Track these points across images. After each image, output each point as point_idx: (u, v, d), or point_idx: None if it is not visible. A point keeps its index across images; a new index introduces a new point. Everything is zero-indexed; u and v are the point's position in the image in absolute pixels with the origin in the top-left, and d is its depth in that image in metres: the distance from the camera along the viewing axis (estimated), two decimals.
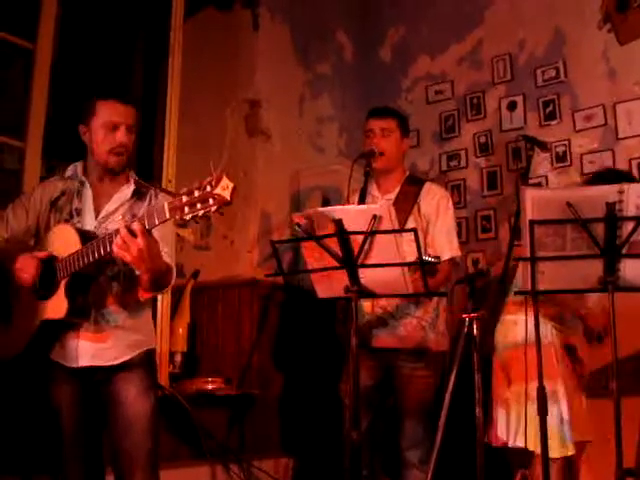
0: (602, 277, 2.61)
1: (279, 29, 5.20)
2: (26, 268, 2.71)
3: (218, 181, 2.22)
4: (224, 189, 2.21)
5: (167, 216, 2.33)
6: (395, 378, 3.63)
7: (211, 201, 2.22)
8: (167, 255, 2.74)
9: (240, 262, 4.77)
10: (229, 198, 2.22)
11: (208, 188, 2.22)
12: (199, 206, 2.24)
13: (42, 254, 2.72)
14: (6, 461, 3.18)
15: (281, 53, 5.20)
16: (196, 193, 2.24)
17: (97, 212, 2.85)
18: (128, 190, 2.89)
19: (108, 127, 2.77)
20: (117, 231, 2.45)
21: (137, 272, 2.63)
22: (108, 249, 2.49)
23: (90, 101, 2.83)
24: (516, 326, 3.33)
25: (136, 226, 2.41)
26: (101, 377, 2.78)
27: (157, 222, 2.39)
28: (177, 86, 4.63)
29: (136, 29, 5.02)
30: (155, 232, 2.59)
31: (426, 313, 3.60)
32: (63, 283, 2.66)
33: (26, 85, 4.00)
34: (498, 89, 5.09)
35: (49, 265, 2.71)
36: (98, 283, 2.75)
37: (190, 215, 2.26)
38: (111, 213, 2.84)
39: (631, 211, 2.54)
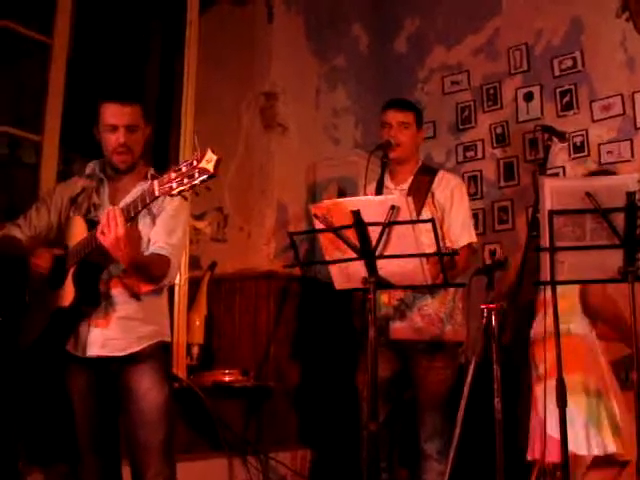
0: (622, 267, 2.59)
1: (294, 21, 5.18)
2: (42, 261, 2.78)
3: (203, 155, 2.29)
4: (208, 162, 2.28)
5: (157, 193, 2.40)
6: (412, 369, 3.63)
7: (196, 174, 2.28)
8: (169, 247, 2.79)
9: (257, 254, 4.77)
10: (212, 170, 2.27)
11: (194, 163, 2.29)
12: (185, 180, 2.31)
13: (57, 251, 2.78)
14: (26, 450, 3.20)
15: (296, 45, 5.18)
16: (183, 169, 2.32)
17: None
18: (145, 185, 2.90)
19: (109, 129, 2.83)
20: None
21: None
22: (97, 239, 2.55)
23: (94, 105, 2.89)
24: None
25: (113, 211, 2.47)
26: (115, 368, 2.81)
27: (148, 200, 2.46)
28: (193, 79, 4.63)
29: (152, 23, 5.03)
30: (160, 222, 2.73)
31: (442, 304, 3.59)
32: (71, 272, 2.73)
33: (43, 79, 4.01)
34: (514, 79, 5.06)
35: (62, 257, 2.77)
36: (109, 273, 2.79)
37: (177, 189, 2.33)
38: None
39: None
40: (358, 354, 3.69)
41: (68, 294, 2.72)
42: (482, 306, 2.90)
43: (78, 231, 2.76)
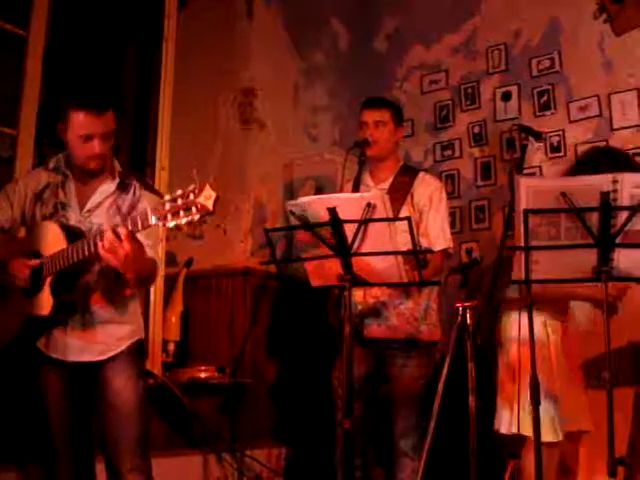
0: (596, 267, 2.60)
1: (273, 17, 5.17)
2: (19, 274, 2.74)
3: (201, 190, 2.25)
4: (207, 199, 2.24)
5: (152, 223, 2.35)
6: (387, 367, 3.64)
7: (194, 210, 2.25)
8: (149, 248, 2.75)
9: (233, 251, 4.76)
10: (212, 208, 2.25)
11: (191, 197, 2.25)
12: (182, 214, 2.26)
13: (33, 263, 2.72)
14: (0, 450, 3.18)
15: (275, 42, 5.18)
16: (179, 201, 2.27)
17: (81, 205, 2.86)
18: (112, 183, 2.89)
19: (82, 138, 2.73)
20: (102, 233, 2.46)
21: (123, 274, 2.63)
22: (93, 250, 2.51)
23: (64, 103, 2.77)
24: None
25: (122, 231, 2.42)
26: (91, 368, 2.80)
27: (141, 228, 2.42)
28: (171, 74, 4.60)
29: (130, 17, 4.99)
30: None
31: (417, 305, 3.60)
32: (48, 281, 2.69)
33: (19, 72, 3.97)
34: (493, 79, 5.07)
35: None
36: (84, 280, 2.77)
37: (173, 222, 2.28)
38: (96, 207, 2.84)
39: (625, 200, 2.52)
40: (334, 351, 3.69)
41: (46, 303, 2.70)
42: (457, 305, 2.91)
43: (52, 238, 2.70)
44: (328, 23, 5.58)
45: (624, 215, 2.54)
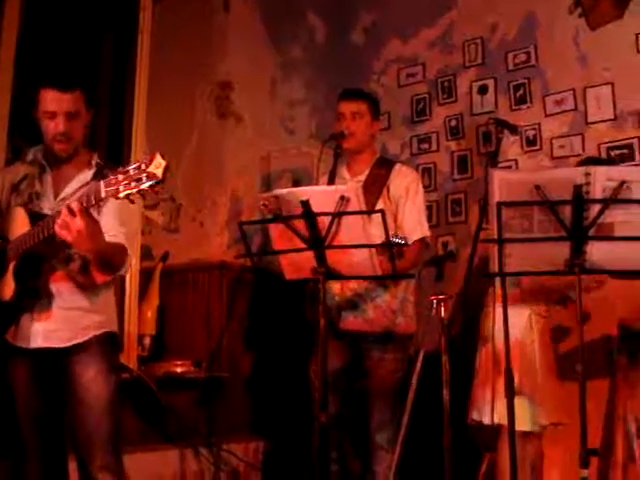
0: (569, 259, 2.61)
1: (250, 10, 5.16)
2: None
3: (151, 159, 2.28)
4: (157, 167, 2.27)
5: (102, 195, 2.37)
6: (364, 360, 3.64)
7: (144, 179, 2.27)
8: (122, 235, 2.75)
9: (210, 245, 4.75)
10: (161, 176, 2.27)
11: (142, 166, 2.28)
12: (133, 184, 2.29)
13: None
14: None
15: (252, 35, 5.16)
16: (131, 172, 2.30)
17: (56, 195, 2.85)
18: (89, 173, 2.88)
19: (47, 116, 2.77)
20: (58, 212, 2.47)
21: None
22: (52, 230, 2.51)
23: (36, 86, 2.81)
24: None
25: (75, 205, 2.43)
26: (59, 359, 2.77)
27: (94, 201, 2.42)
28: (146, 67, 4.57)
29: (106, 9, 4.95)
30: (110, 212, 2.65)
31: (394, 297, 3.60)
32: (11, 265, 2.69)
33: None
34: (469, 72, 5.07)
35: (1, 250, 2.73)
36: (51, 265, 2.75)
37: (124, 192, 2.30)
38: (69, 195, 2.82)
39: (598, 193, 2.53)
40: (311, 344, 3.69)
41: (8, 288, 2.70)
42: (431, 297, 2.92)
43: (19, 223, 2.72)
44: (305, 16, 5.56)
45: (597, 208, 2.54)
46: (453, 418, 3.07)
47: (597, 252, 2.61)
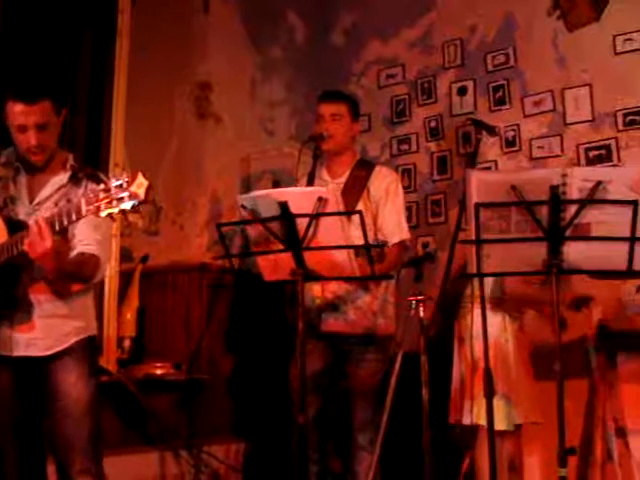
0: (546, 260, 2.62)
1: (230, 11, 5.14)
2: None
3: (134, 179, 2.29)
4: (139, 187, 2.29)
5: (84, 213, 2.38)
6: (345, 362, 3.64)
7: (126, 198, 2.28)
8: (96, 243, 2.76)
9: (190, 247, 4.74)
10: (143, 196, 2.29)
11: (124, 185, 2.29)
12: (114, 203, 2.30)
13: None
14: None
15: (232, 35, 5.15)
16: (112, 190, 2.31)
17: (31, 198, 2.83)
18: (64, 176, 2.86)
19: (17, 129, 2.75)
20: (30, 227, 2.49)
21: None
22: (22, 247, 2.53)
23: (5, 94, 2.78)
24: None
25: (43, 227, 2.45)
26: (40, 366, 2.76)
27: (75, 218, 2.44)
28: (125, 68, 4.54)
29: (84, 11, 4.92)
30: (86, 219, 2.61)
31: (375, 299, 3.60)
32: None
33: None
34: (449, 74, 5.10)
35: None
36: (29, 273, 2.73)
37: (106, 212, 2.32)
38: (45, 200, 2.82)
39: (574, 194, 2.54)
40: (291, 346, 3.69)
41: None
42: (410, 298, 2.93)
43: None
44: (285, 17, 5.56)
45: (573, 208, 2.56)
46: (433, 418, 3.08)
47: (574, 252, 2.62)
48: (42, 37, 4.46)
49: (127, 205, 2.28)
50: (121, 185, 2.29)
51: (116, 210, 2.30)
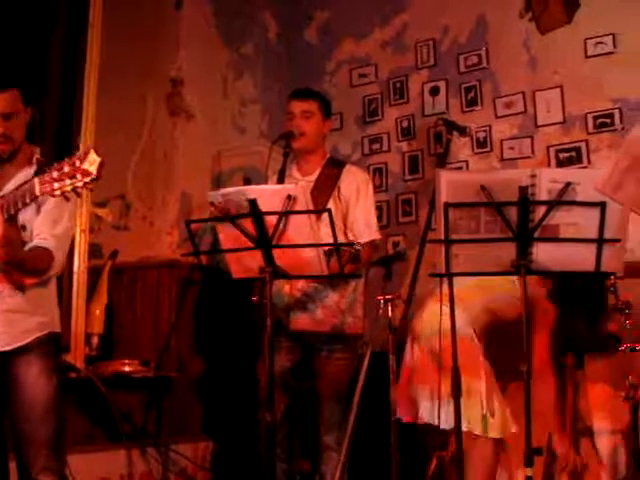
0: (515, 260, 2.64)
1: (202, 8, 5.11)
2: None
3: (85, 156, 2.27)
4: (91, 164, 2.26)
5: (37, 192, 2.36)
6: (313, 360, 3.65)
7: (78, 176, 2.27)
8: (52, 238, 2.73)
9: (160, 243, 4.71)
10: (95, 173, 2.27)
11: (77, 163, 2.27)
12: (67, 182, 2.29)
13: None
14: None
15: (204, 32, 5.12)
16: (65, 169, 2.29)
17: None
18: (30, 170, 2.83)
19: None
20: None
21: None
22: None
23: None
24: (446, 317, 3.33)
25: None
26: (1, 361, 2.72)
27: (28, 200, 2.42)
28: (96, 62, 4.50)
29: (55, 2, 4.87)
30: (46, 211, 2.64)
31: (343, 297, 3.61)
32: None
33: None
34: (421, 74, 5.11)
35: None
36: None
37: (59, 190, 2.30)
38: (9, 193, 2.77)
39: (543, 195, 2.56)
40: (259, 344, 3.68)
41: None
42: (378, 297, 2.93)
43: None
44: (258, 15, 5.54)
45: (542, 209, 2.57)
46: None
47: (543, 253, 2.64)
48: (12, 28, 4.42)
49: (79, 182, 2.27)
50: (74, 163, 2.27)
51: (69, 188, 2.28)
